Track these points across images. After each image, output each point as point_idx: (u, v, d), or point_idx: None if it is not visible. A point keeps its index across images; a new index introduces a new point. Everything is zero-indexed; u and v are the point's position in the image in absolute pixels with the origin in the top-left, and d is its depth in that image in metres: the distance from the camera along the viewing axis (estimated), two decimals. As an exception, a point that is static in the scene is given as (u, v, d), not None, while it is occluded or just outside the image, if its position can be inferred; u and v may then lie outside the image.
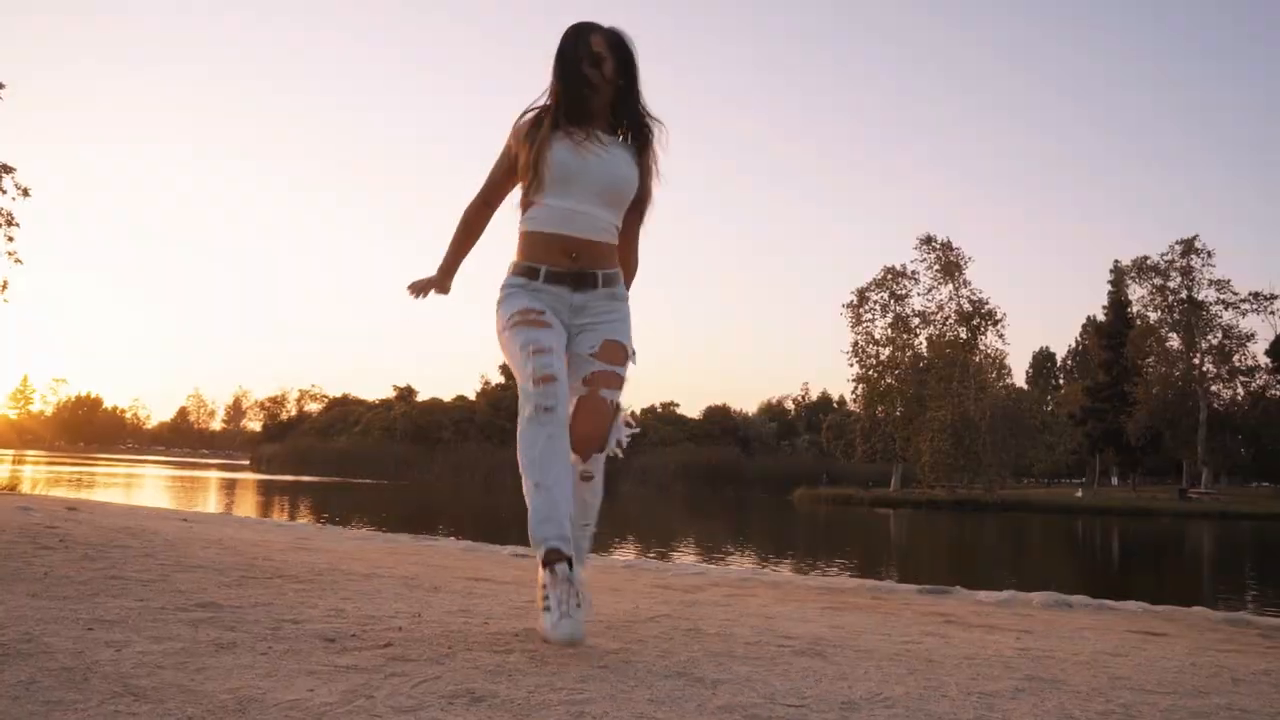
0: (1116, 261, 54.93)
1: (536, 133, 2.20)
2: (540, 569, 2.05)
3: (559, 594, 1.98)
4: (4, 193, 16.39)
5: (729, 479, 62.85)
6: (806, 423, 69.06)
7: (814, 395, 74.75)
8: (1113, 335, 51.98)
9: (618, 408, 2.23)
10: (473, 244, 2.45)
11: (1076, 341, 66.38)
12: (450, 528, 19.77)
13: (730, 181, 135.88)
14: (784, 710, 1.63)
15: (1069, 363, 67.98)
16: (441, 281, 2.45)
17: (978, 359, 43.24)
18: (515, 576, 3.74)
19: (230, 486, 38.18)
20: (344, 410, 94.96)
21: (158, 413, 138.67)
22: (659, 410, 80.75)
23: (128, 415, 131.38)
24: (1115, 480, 56.36)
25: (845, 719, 1.61)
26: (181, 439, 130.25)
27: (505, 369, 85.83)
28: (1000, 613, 3.43)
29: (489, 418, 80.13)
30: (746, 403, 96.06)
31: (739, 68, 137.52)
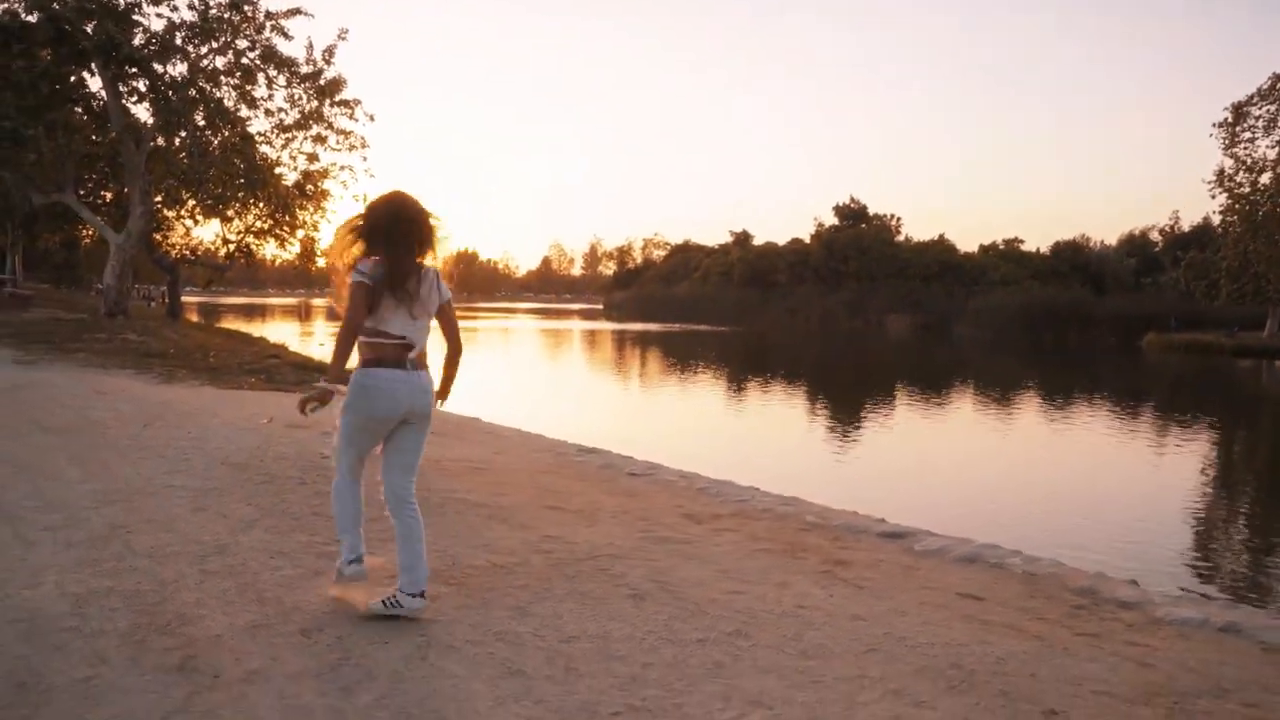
0: None
1: None
2: None
3: None
4: (356, 120, 20.33)
5: (1074, 322, 58.41)
6: (1173, 258, 61.41)
7: (1187, 224, 65.77)
8: None
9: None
10: None
11: None
12: (787, 380, 21.84)
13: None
14: (531, 638, 3.21)
15: None
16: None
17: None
18: (582, 505, 5.44)
19: (590, 341, 43.43)
20: (684, 257, 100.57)
21: (525, 263, 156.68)
22: (1001, 246, 76.00)
23: (500, 266, 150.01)
24: None
25: (556, 646, 3.15)
26: (546, 286, 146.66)
27: (837, 210, 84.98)
28: (889, 563, 4.49)
29: (823, 260, 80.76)
30: (1106, 233, 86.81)
31: None
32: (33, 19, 16.48)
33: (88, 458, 5.94)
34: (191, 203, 22.13)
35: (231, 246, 23.54)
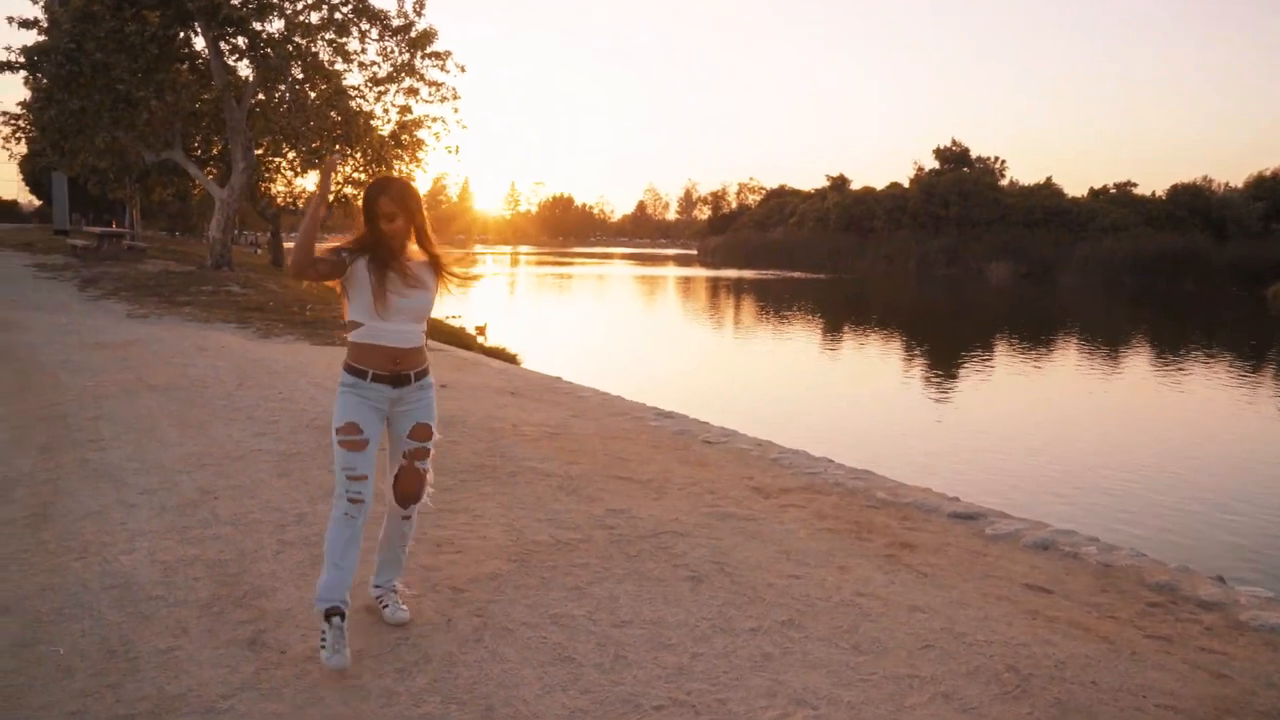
0: None
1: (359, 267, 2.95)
2: (322, 619, 2.90)
3: (333, 637, 2.84)
4: (448, 72, 20.51)
5: (1191, 270, 55.18)
6: (1307, 201, 57.16)
7: (1325, 165, 60.83)
8: None
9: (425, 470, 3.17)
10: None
11: None
12: (882, 333, 21.50)
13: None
14: (585, 622, 3.27)
15: None
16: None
17: None
18: (652, 475, 5.47)
19: (685, 290, 43.27)
20: (780, 202, 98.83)
21: (620, 207, 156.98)
22: (1112, 190, 72.13)
23: (595, 211, 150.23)
24: None
25: (609, 631, 3.21)
26: (640, 230, 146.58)
27: (937, 153, 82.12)
28: (957, 548, 4.37)
29: (921, 205, 78.25)
30: (1232, 175, 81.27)
31: None
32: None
33: (185, 418, 6.28)
34: (292, 154, 22.83)
35: (331, 197, 24.25)
